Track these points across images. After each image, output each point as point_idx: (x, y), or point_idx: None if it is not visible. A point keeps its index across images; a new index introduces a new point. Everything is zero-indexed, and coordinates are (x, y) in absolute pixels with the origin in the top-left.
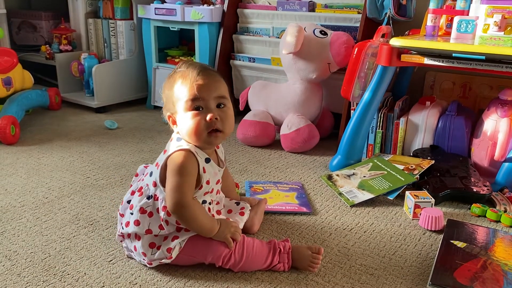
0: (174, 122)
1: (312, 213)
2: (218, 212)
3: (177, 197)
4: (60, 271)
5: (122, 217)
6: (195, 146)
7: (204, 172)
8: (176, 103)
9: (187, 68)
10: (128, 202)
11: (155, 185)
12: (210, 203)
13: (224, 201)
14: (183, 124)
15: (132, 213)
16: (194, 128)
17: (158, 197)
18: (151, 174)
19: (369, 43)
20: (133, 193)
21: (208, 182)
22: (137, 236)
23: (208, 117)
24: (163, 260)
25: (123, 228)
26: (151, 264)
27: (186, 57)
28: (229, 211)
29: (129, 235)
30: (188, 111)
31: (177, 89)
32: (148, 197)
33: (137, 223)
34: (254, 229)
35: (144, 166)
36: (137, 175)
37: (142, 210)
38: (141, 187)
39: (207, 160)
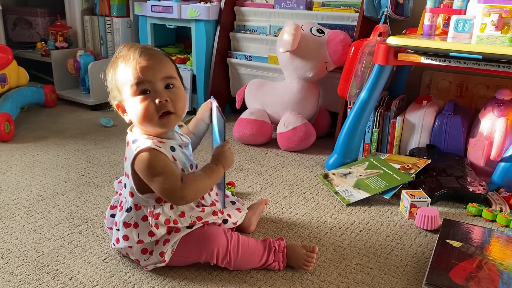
0: (124, 111)
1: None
2: (213, 203)
3: (171, 193)
4: (54, 269)
5: (111, 230)
6: (153, 136)
7: (175, 160)
8: (122, 89)
9: (128, 51)
10: (111, 215)
11: (132, 195)
12: None
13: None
14: (132, 111)
15: (118, 229)
16: (143, 113)
17: (140, 206)
18: (125, 186)
19: (366, 41)
20: (112, 207)
21: (182, 170)
22: (130, 246)
23: (156, 101)
24: (157, 264)
25: (114, 245)
26: (146, 268)
27: (183, 55)
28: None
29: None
30: (135, 96)
31: (121, 74)
32: (127, 210)
33: (126, 238)
34: (251, 228)
35: (118, 182)
36: (117, 193)
37: (126, 225)
38: (121, 201)
39: (172, 149)
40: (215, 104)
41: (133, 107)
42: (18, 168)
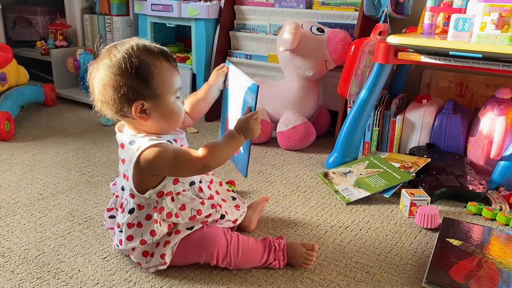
0: (143, 111)
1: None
2: (211, 197)
3: (195, 166)
4: (54, 268)
5: (112, 230)
6: (152, 134)
7: None
8: (163, 89)
9: (161, 53)
10: (110, 217)
11: (132, 197)
12: (200, 182)
13: (221, 191)
14: (167, 111)
15: (121, 231)
16: (180, 114)
17: (142, 206)
18: (123, 188)
19: (366, 40)
20: (109, 210)
21: None
22: (132, 249)
23: (184, 104)
24: (158, 267)
25: (118, 246)
26: (148, 270)
27: (183, 54)
28: (223, 200)
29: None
30: (175, 98)
31: (166, 76)
32: (130, 211)
33: (130, 238)
34: (251, 227)
35: (113, 184)
36: (113, 195)
37: (129, 225)
38: (122, 203)
39: (169, 143)
40: (237, 69)
41: (170, 107)
42: (18, 167)
